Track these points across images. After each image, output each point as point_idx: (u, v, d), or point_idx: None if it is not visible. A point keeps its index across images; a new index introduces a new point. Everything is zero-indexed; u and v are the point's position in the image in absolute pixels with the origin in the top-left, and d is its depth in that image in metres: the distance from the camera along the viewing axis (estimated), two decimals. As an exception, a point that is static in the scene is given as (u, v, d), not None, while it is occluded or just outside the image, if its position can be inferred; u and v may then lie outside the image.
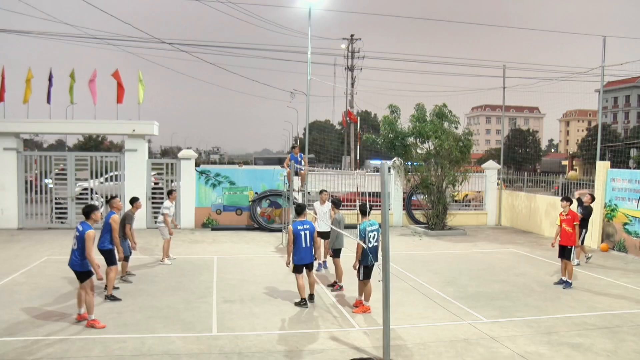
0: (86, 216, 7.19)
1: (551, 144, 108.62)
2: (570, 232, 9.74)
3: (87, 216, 7.19)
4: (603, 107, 18.47)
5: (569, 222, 9.80)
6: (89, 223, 7.14)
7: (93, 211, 7.25)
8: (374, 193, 16.18)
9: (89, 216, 7.19)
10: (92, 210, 7.25)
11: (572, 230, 9.73)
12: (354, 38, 36.67)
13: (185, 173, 16.76)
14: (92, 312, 7.07)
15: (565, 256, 9.78)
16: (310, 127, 27.44)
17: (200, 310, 7.88)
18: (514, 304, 8.52)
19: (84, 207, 7.33)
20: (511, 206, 18.81)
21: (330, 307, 8.22)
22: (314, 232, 8.22)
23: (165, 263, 11.18)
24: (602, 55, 14.98)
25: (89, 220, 7.16)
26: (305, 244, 8.10)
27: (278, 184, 17.20)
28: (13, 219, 16.06)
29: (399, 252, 12.86)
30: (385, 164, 5.91)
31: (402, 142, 16.91)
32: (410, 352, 6.38)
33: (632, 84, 69.47)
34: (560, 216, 10.04)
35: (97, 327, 6.95)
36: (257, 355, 6.18)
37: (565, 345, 6.65)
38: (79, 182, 17.22)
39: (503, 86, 19.27)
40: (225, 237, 15.00)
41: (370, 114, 62.94)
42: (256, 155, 49.48)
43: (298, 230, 8.07)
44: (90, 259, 6.90)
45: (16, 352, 6.10)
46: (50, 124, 16.67)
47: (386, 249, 6.04)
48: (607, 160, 14.99)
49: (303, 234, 8.07)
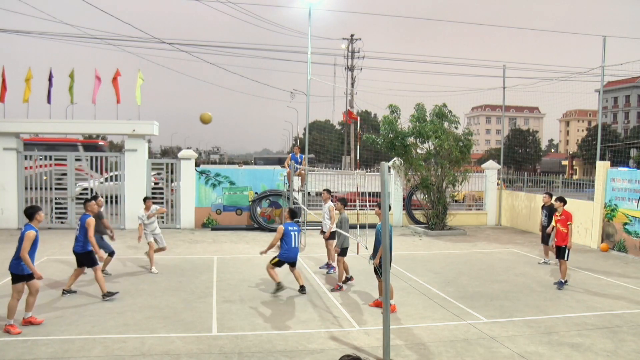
0: (29, 218, 7.02)
1: (551, 144, 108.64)
2: (565, 232, 9.77)
3: (30, 218, 7.01)
4: (603, 107, 18.47)
5: (562, 222, 9.83)
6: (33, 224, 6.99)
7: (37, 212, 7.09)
8: (374, 193, 16.19)
9: (33, 217, 7.01)
10: (35, 211, 7.09)
11: (566, 230, 9.76)
12: (354, 38, 36.67)
13: (185, 173, 16.76)
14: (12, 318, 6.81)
15: (560, 256, 9.82)
16: (310, 127, 27.45)
17: (200, 310, 7.88)
18: (514, 304, 8.52)
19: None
20: (511, 206, 18.80)
21: (330, 307, 8.22)
22: (300, 233, 9.02)
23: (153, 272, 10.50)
24: (602, 55, 14.99)
25: (32, 222, 7.01)
26: (294, 243, 8.68)
27: (278, 184, 17.21)
28: (13, 219, 16.07)
29: (399, 252, 12.87)
30: (385, 164, 5.91)
31: (402, 142, 16.90)
32: (410, 352, 6.38)
33: (632, 84, 69.53)
34: (555, 216, 10.11)
35: (13, 332, 6.66)
36: (257, 355, 6.18)
37: (565, 345, 6.65)
38: (79, 182, 17.23)
39: (503, 86, 19.27)
40: (225, 237, 15.00)
41: (370, 114, 62.93)
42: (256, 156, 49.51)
43: (289, 230, 8.66)
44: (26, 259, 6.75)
45: (16, 352, 6.10)
46: (50, 124, 16.66)
47: (386, 248, 6.04)
48: (607, 160, 14.98)
49: (293, 234, 8.66)
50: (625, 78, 50.52)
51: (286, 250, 8.68)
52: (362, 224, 8.19)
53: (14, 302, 6.81)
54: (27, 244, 6.77)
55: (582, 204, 15.03)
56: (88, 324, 7.13)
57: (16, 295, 6.85)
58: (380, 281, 8.10)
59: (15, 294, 6.85)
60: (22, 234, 6.86)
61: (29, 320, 7.00)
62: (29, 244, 6.78)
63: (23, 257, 6.75)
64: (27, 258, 6.76)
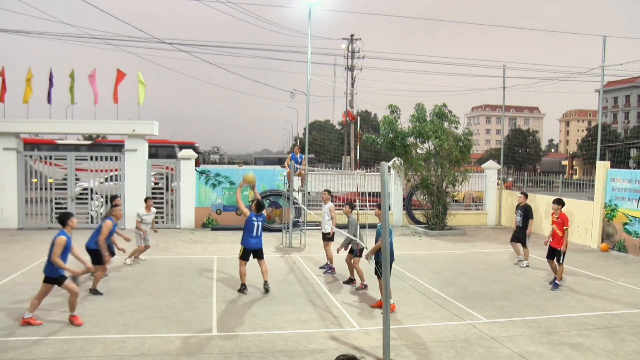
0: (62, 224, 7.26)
1: (551, 144, 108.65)
2: (560, 235, 9.71)
3: (63, 224, 7.25)
4: (603, 107, 18.47)
5: (559, 225, 9.81)
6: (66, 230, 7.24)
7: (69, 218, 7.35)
8: (374, 193, 16.18)
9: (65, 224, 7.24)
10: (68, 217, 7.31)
11: (562, 234, 9.70)
12: (354, 38, 36.67)
13: (185, 173, 16.76)
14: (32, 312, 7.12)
15: (556, 259, 9.78)
16: (310, 127, 27.45)
17: (200, 310, 7.88)
18: (514, 304, 8.52)
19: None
20: (511, 206, 18.76)
21: (330, 307, 8.22)
22: (265, 220, 9.25)
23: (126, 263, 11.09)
24: (602, 55, 14.98)
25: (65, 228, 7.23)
26: (256, 232, 8.92)
27: (278, 184, 17.20)
28: (13, 219, 16.06)
29: (399, 252, 12.85)
30: (385, 164, 5.91)
31: (402, 142, 16.90)
32: (410, 352, 6.38)
33: (632, 84, 69.53)
34: (552, 217, 10.10)
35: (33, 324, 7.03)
36: (257, 355, 6.18)
37: (565, 345, 6.65)
38: (79, 182, 17.22)
39: (503, 86, 19.27)
40: (225, 237, 14.99)
41: (370, 114, 62.95)
42: (256, 156, 49.49)
43: (252, 220, 8.91)
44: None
45: (16, 352, 6.10)
46: (50, 124, 16.65)
47: (386, 249, 6.04)
48: (607, 160, 14.98)
49: (256, 224, 8.90)
50: (625, 78, 50.51)
51: (246, 237, 8.92)
52: (362, 224, 8.20)
53: (36, 300, 7.18)
54: (57, 249, 7.05)
55: (582, 204, 15.03)
56: (88, 324, 7.13)
57: (41, 295, 7.19)
58: (380, 281, 8.10)
59: (42, 293, 7.19)
60: (53, 239, 7.10)
61: (71, 319, 7.20)
62: (59, 249, 7.06)
63: (54, 261, 7.05)
64: (59, 262, 7.06)
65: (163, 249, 12.96)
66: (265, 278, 9.07)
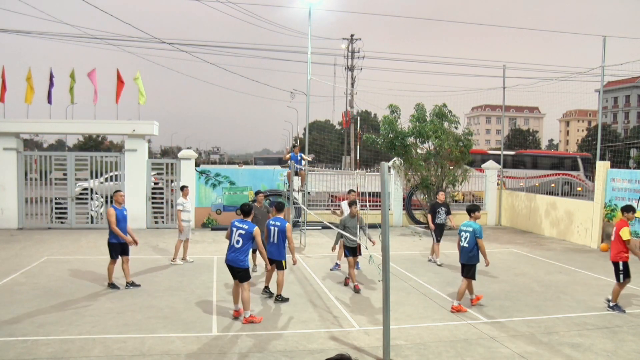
0: (246, 215, 7.58)
1: (551, 144, 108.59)
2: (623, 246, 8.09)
3: (247, 214, 7.58)
4: (603, 107, 18.45)
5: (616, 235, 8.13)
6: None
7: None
8: (374, 193, 16.19)
9: (249, 214, 7.61)
10: (251, 209, 7.74)
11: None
12: (354, 38, 36.69)
13: (185, 173, 16.76)
14: (249, 308, 7.37)
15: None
16: (310, 127, 27.43)
17: (200, 310, 7.88)
18: (514, 304, 8.52)
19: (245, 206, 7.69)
20: (511, 206, 18.80)
21: (330, 307, 8.22)
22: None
23: (177, 263, 11.19)
24: (602, 55, 14.97)
25: (248, 217, 7.57)
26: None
27: (278, 184, 17.21)
28: (13, 219, 16.06)
29: (399, 252, 12.88)
30: (385, 164, 5.91)
31: (402, 142, 16.91)
32: (410, 352, 6.38)
33: (632, 84, 69.51)
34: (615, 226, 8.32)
35: (255, 322, 7.30)
36: (257, 355, 6.18)
37: (565, 345, 6.65)
38: (79, 182, 17.22)
39: (503, 86, 19.26)
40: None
41: (370, 114, 62.93)
42: (256, 155, 49.47)
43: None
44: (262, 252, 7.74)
45: (16, 352, 6.10)
46: (50, 124, 16.66)
47: (386, 248, 6.04)
48: (607, 160, 14.98)
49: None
50: (625, 78, 50.49)
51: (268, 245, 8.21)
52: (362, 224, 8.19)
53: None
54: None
55: (582, 204, 15.02)
56: (88, 324, 7.13)
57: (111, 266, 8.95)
58: (467, 280, 8.19)
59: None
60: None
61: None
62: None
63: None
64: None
65: (163, 249, 12.96)
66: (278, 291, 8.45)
